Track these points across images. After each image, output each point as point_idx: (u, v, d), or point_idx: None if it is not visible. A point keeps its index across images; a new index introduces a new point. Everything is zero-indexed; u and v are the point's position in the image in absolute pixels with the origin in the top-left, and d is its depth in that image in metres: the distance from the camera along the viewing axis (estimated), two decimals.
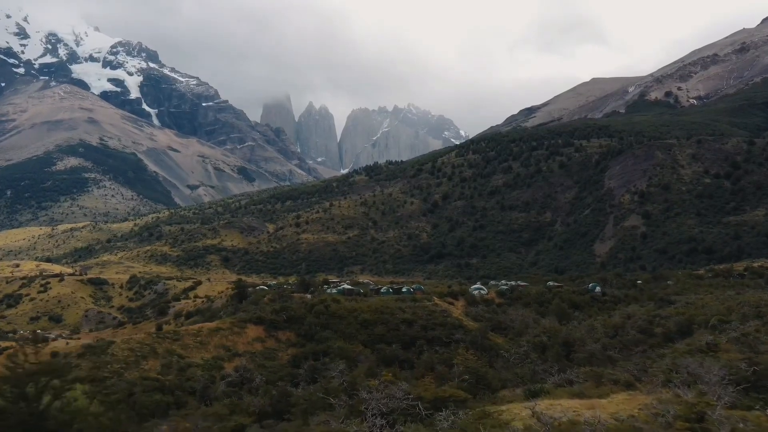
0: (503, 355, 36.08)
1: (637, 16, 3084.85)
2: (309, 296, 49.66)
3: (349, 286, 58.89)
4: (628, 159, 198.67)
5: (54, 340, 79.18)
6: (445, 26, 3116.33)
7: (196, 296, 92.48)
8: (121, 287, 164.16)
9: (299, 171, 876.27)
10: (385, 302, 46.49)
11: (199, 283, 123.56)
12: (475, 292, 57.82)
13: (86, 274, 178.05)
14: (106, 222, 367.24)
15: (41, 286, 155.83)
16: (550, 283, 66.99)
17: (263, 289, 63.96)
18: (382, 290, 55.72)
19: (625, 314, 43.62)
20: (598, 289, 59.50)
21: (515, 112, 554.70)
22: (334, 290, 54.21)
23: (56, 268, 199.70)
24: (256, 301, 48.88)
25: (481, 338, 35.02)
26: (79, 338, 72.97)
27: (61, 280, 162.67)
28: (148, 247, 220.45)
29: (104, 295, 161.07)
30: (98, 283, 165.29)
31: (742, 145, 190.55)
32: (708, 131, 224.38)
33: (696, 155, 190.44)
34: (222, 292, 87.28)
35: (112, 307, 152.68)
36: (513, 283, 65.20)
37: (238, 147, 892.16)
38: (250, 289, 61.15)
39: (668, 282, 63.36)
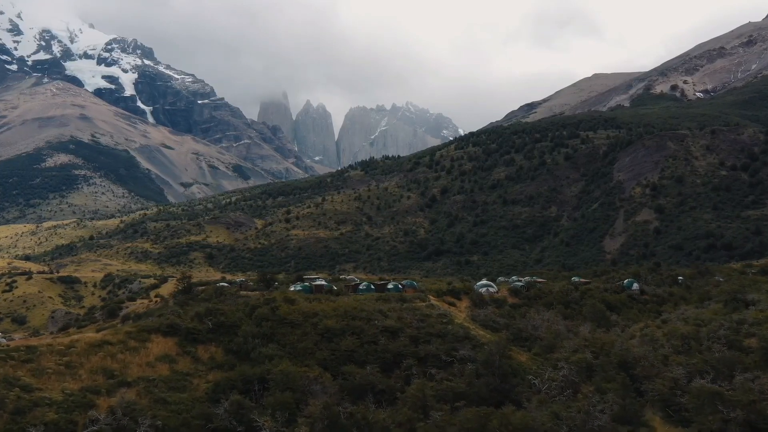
0: (532, 382, 24.02)
1: (634, 10, 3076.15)
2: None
3: (322, 282, 46.33)
4: (639, 150, 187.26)
5: None
6: (440, 21, 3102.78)
7: (156, 295, 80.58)
8: (95, 286, 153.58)
9: (296, 169, 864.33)
10: (362, 303, 33.59)
11: (165, 280, 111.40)
12: (483, 289, 45.61)
13: (58, 272, 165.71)
14: (92, 219, 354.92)
15: (6, 284, 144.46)
16: (576, 278, 54.87)
17: (223, 286, 51.78)
18: (360, 287, 42.37)
19: (696, 319, 31.56)
20: (635, 286, 47.54)
21: (514, 108, 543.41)
22: (299, 287, 41.43)
23: (29, 266, 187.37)
24: (184, 303, 36.25)
25: (500, 358, 23.10)
26: (7, 345, 61.01)
27: (29, 278, 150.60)
28: (129, 244, 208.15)
29: (75, 295, 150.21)
30: (69, 282, 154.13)
31: (759, 136, 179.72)
32: (719, 123, 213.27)
33: (710, 146, 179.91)
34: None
35: (83, 307, 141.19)
36: (528, 278, 53.08)
37: (234, 145, 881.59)
38: (201, 287, 48.57)
39: (718, 278, 51.66)
